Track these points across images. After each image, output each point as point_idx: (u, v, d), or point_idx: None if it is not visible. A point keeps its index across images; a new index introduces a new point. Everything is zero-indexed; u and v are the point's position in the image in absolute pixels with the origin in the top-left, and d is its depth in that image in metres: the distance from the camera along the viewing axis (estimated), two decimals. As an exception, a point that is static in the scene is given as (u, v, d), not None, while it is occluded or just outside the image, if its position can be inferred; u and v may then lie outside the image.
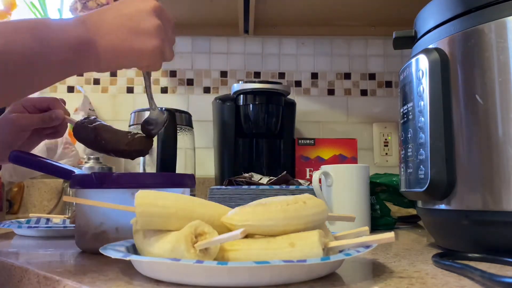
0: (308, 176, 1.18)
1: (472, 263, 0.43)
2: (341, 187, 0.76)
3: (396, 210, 1.08)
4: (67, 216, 0.90)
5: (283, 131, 1.19)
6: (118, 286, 0.38)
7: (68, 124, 0.75)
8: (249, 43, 1.45)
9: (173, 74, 1.44)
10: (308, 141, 1.21)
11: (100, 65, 0.52)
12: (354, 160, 1.20)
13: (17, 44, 0.46)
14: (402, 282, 0.39)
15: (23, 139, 0.71)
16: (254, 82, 1.16)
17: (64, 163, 0.82)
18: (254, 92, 1.14)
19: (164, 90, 1.43)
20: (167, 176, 0.61)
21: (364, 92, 1.45)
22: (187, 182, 0.59)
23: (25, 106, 0.71)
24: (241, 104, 1.16)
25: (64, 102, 0.74)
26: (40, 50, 0.47)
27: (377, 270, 0.45)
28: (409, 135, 0.57)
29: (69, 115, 0.74)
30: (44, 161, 0.68)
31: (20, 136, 0.70)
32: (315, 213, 0.42)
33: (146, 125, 0.66)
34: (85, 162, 1.19)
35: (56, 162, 0.68)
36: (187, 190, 0.60)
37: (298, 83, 1.45)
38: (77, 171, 0.66)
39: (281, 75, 1.45)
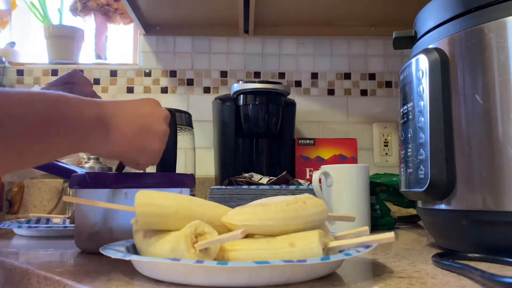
0: (308, 176, 1.18)
1: (472, 263, 0.43)
2: (341, 187, 0.76)
3: (396, 210, 1.08)
4: (67, 216, 0.90)
5: (283, 131, 1.19)
6: (118, 286, 0.38)
7: None
8: (249, 43, 1.45)
9: (173, 74, 1.44)
10: (308, 141, 1.21)
11: (106, 149, 0.52)
12: (354, 160, 1.20)
13: (38, 112, 0.44)
14: (402, 282, 0.39)
15: None
16: (254, 82, 1.16)
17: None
18: (254, 92, 1.14)
19: (164, 90, 1.43)
20: (161, 176, 0.61)
21: (364, 92, 1.45)
22: (178, 181, 0.60)
23: None
24: (241, 104, 1.16)
25: None
26: (57, 121, 0.46)
27: (377, 270, 0.45)
28: (409, 135, 0.57)
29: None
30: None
31: None
32: (315, 213, 0.42)
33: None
34: (85, 162, 1.19)
35: (60, 162, 0.69)
36: (186, 190, 0.60)
37: (298, 83, 1.45)
38: (79, 171, 0.66)
39: (281, 75, 1.45)
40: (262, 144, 1.18)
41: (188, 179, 0.61)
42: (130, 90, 1.44)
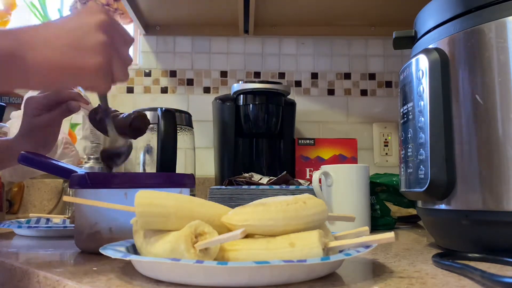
0: (308, 176, 1.18)
1: (472, 263, 0.43)
2: (341, 187, 0.76)
3: (396, 210, 1.08)
4: (67, 216, 0.90)
5: (283, 131, 1.19)
6: (118, 286, 0.38)
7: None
8: (249, 43, 1.45)
9: (173, 74, 1.44)
10: (308, 141, 1.21)
11: (29, 81, 0.46)
12: (354, 160, 1.20)
13: None
14: (402, 282, 0.39)
15: (52, 134, 0.75)
16: (254, 82, 1.16)
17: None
18: (254, 92, 1.14)
19: (164, 90, 1.43)
20: (161, 176, 0.61)
21: (364, 92, 1.45)
22: (178, 181, 0.60)
23: (46, 104, 0.72)
24: (241, 104, 1.16)
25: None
26: None
27: (377, 270, 0.45)
28: (409, 135, 0.57)
29: (87, 103, 0.74)
30: (49, 162, 0.68)
31: (48, 132, 0.74)
32: (315, 213, 0.42)
33: (108, 159, 0.62)
34: (85, 162, 1.19)
35: (61, 162, 0.69)
36: (186, 190, 0.60)
37: (298, 83, 1.45)
38: (79, 171, 0.66)
39: (281, 75, 1.45)
40: (262, 144, 1.18)
41: (188, 179, 0.61)
42: (130, 90, 1.44)
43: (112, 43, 0.49)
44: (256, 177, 0.96)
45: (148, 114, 1.12)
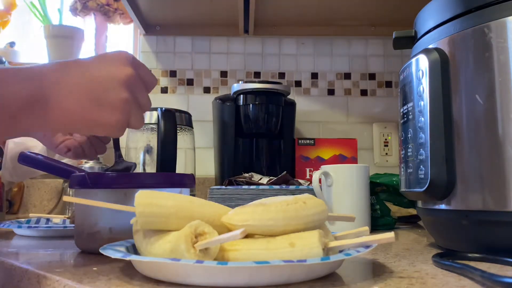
0: (308, 176, 1.18)
1: (472, 263, 0.43)
2: (341, 187, 0.76)
3: (396, 210, 1.08)
4: (67, 216, 0.90)
5: (283, 131, 1.19)
6: (118, 286, 0.38)
7: None
8: (249, 43, 1.45)
9: (173, 74, 1.44)
10: (308, 141, 1.21)
11: (47, 126, 0.46)
12: (354, 160, 1.20)
13: None
14: (402, 282, 0.39)
15: None
16: (254, 82, 1.16)
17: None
18: (254, 92, 1.14)
19: (164, 90, 1.43)
20: (161, 176, 0.61)
21: (364, 92, 1.45)
22: (178, 181, 0.60)
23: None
24: (241, 104, 1.16)
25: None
26: None
27: (377, 270, 0.45)
28: (409, 135, 0.57)
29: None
30: (49, 162, 0.68)
31: None
32: (315, 213, 0.42)
33: None
34: (85, 162, 1.19)
35: (61, 162, 0.69)
36: (186, 190, 0.60)
37: (298, 83, 1.45)
38: (79, 171, 0.66)
39: (281, 75, 1.45)
40: (262, 144, 1.18)
41: (188, 179, 0.61)
42: (130, 90, 1.43)
43: (134, 98, 0.48)
44: (256, 177, 0.96)
45: (148, 114, 1.12)
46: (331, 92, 1.45)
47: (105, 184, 0.55)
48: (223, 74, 1.44)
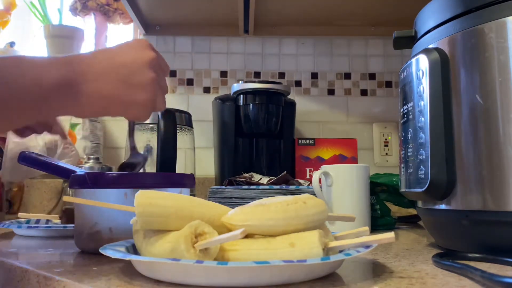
0: (308, 176, 1.18)
1: (472, 263, 0.43)
2: (341, 187, 0.76)
3: (396, 210, 1.08)
4: (56, 215, 0.89)
5: (283, 131, 1.19)
6: (118, 286, 0.38)
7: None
8: (249, 43, 1.45)
9: (173, 74, 1.44)
10: (308, 141, 1.21)
11: (80, 110, 0.49)
12: (354, 160, 1.20)
13: None
14: (402, 282, 0.39)
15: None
16: (254, 82, 1.16)
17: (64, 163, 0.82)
18: (254, 92, 1.14)
19: (164, 90, 1.43)
20: (160, 176, 0.61)
21: (364, 92, 1.45)
22: (177, 181, 0.60)
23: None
24: (241, 104, 1.15)
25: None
26: (8, 96, 0.43)
27: (377, 270, 0.45)
28: (409, 135, 0.57)
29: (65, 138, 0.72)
30: (49, 162, 0.68)
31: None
32: (315, 213, 0.42)
33: (128, 168, 0.65)
34: (85, 162, 1.19)
35: (61, 162, 0.69)
36: (186, 190, 0.61)
37: (298, 83, 1.45)
38: (79, 171, 0.66)
39: (281, 75, 1.45)
40: (262, 144, 1.18)
41: (188, 179, 0.61)
42: (130, 90, 1.43)
43: (158, 79, 0.52)
44: (256, 177, 0.96)
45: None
46: (331, 92, 1.45)
47: (104, 184, 0.55)
48: (223, 74, 1.44)
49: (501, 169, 0.47)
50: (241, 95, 1.15)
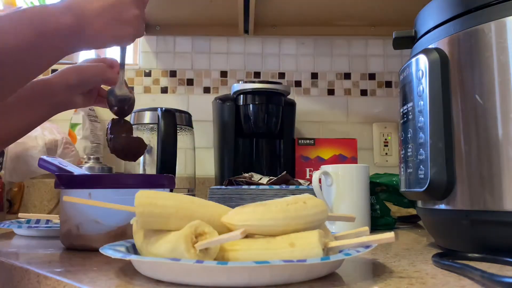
0: (308, 176, 1.18)
1: (472, 263, 0.43)
2: (341, 187, 0.76)
3: (396, 210, 1.08)
4: (55, 215, 0.89)
5: (283, 131, 1.19)
6: (118, 286, 0.38)
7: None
8: (249, 43, 1.45)
9: (173, 74, 1.44)
10: (308, 141, 1.21)
11: (85, 45, 0.60)
12: (354, 160, 1.20)
13: (16, 38, 0.50)
14: (402, 282, 0.39)
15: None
16: (254, 82, 1.16)
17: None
18: (254, 92, 1.14)
19: (164, 90, 1.43)
20: (139, 177, 0.62)
21: (364, 92, 1.45)
22: (156, 182, 0.61)
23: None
24: (241, 104, 1.16)
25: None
26: (36, 42, 0.52)
27: (377, 270, 0.45)
28: (409, 135, 0.57)
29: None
30: (64, 167, 0.68)
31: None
32: (315, 213, 0.42)
33: (119, 103, 0.69)
34: (85, 162, 1.19)
35: (77, 168, 0.69)
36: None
37: (298, 83, 1.45)
38: (79, 171, 0.66)
39: (281, 75, 1.45)
40: (262, 144, 1.18)
41: (167, 180, 0.61)
42: (130, 90, 1.43)
43: (142, 15, 0.63)
44: (256, 177, 0.96)
45: (148, 114, 1.12)
46: (331, 92, 1.45)
47: (81, 185, 0.58)
48: (223, 74, 1.44)
49: (501, 169, 0.47)
50: (241, 95, 1.15)
